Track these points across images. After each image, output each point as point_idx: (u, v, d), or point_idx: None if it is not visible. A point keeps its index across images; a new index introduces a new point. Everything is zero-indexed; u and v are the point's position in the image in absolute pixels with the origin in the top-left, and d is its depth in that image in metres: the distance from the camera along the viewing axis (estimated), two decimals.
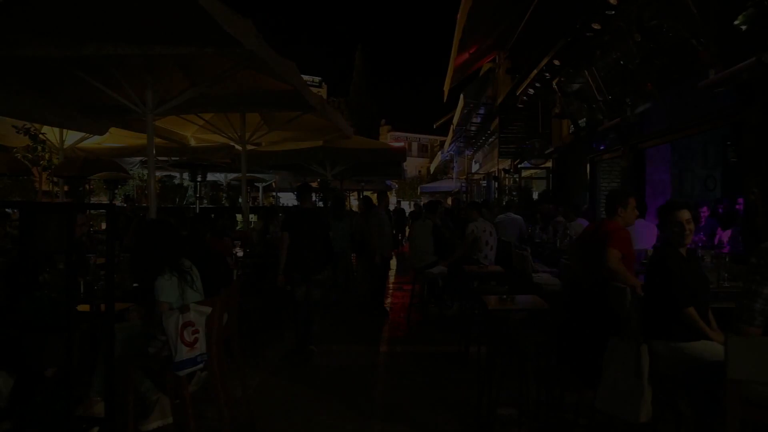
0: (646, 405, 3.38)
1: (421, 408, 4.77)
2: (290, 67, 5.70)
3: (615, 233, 4.52)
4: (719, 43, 6.04)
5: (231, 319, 4.46)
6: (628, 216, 4.68)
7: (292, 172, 15.68)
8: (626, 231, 4.61)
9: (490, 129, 21.75)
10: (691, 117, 7.77)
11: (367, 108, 54.65)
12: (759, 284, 2.75)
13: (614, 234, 4.52)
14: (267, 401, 4.89)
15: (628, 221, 4.68)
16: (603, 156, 11.98)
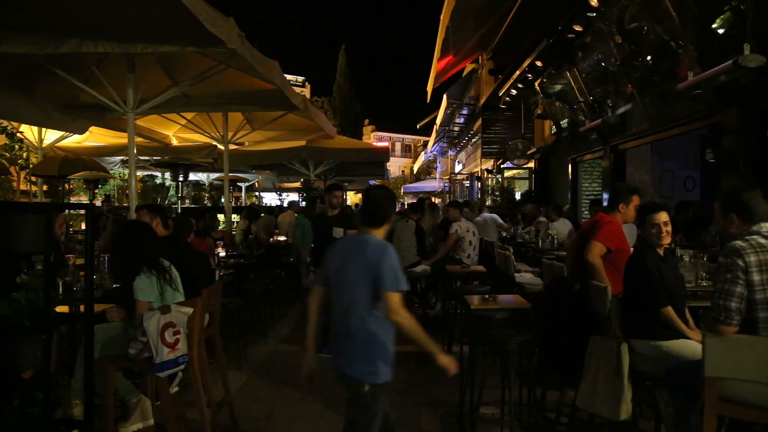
0: (626, 403, 3.41)
1: (403, 408, 4.77)
2: (273, 67, 5.68)
3: (604, 226, 4.51)
4: (698, 46, 6.13)
5: (213, 319, 4.43)
6: (628, 213, 4.57)
7: (275, 172, 15.62)
8: (617, 226, 4.55)
9: (473, 129, 21.86)
10: (670, 118, 7.88)
11: (350, 108, 54.54)
12: (731, 283, 2.81)
13: (603, 227, 4.52)
14: (250, 402, 4.86)
15: (626, 218, 4.60)
16: (584, 156, 12.10)
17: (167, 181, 17.04)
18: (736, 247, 2.84)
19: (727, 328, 2.78)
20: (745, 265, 2.78)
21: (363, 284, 2.87)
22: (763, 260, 2.77)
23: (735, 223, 2.99)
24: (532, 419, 4.25)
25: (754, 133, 5.93)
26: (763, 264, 2.76)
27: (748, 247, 2.81)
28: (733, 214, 3.00)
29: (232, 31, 4.42)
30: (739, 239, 2.88)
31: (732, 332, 2.78)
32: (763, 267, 2.76)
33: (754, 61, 4.97)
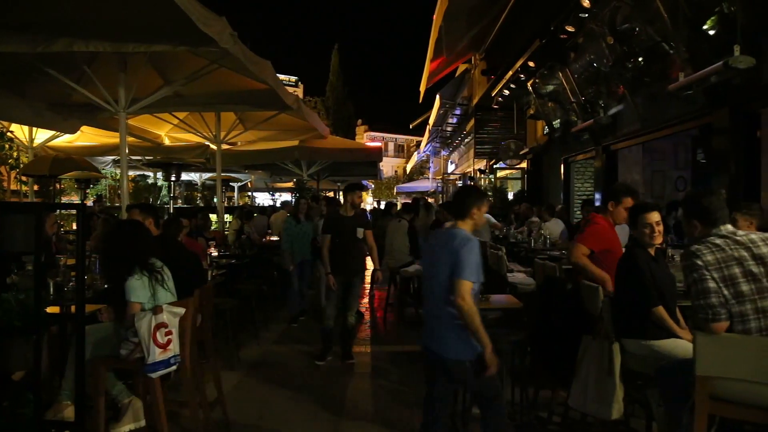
0: (618, 402, 3.44)
1: (396, 408, 4.78)
2: (266, 66, 5.68)
3: (587, 228, 4.55)
4: (689, 47, 6.16)
5: (205, 319, 4.42)
6: (618, 213, 4.51)
7: (268, 172, 15.60)
8: (601, 227, 4.53)
9: (465, 130, 21.89)
10: (662, 119, 7.92)
11: (343, 108, 54.49)
12: (701, 282, 2.85)
13: (586, 228, 4.56)
14: (242, 402, 4.85)
15: (616, 218, 4.55)
16: (577, 157, 12.14)
17: (159, 181, 16.98)
18: (692, 251, 2.93)
19: (718, 324, 2.80)
20: (705, 264, 2.85)
21: (448, 272, 3.21)
22: (720, 258, 2.84)
23: (698, 228, 3.06)
24: (525, 419, 4.26)
25: (744, 133, 5.97)
26: (721, 262, 2.83)
27: (704, 248, 2.89)
28: (694, 220, 3.07)
29: (224, 30, 4.41)
30: (696, 242, 2.98)
31: (723, 327, 2.80)
32: (722, 264, 2.83)
33: (744, 62, 5.00)
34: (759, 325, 2.77)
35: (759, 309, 2.77)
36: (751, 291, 2.78)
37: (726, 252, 2.84)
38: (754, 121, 5.90)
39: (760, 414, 2.70)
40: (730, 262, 2.82)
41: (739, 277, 2.80)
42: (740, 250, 2.84)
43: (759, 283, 2.79)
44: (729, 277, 2.81)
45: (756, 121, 5.90)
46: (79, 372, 3.28)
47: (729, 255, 2.83)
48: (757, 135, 5.88)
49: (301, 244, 7.67)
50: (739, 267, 2.81)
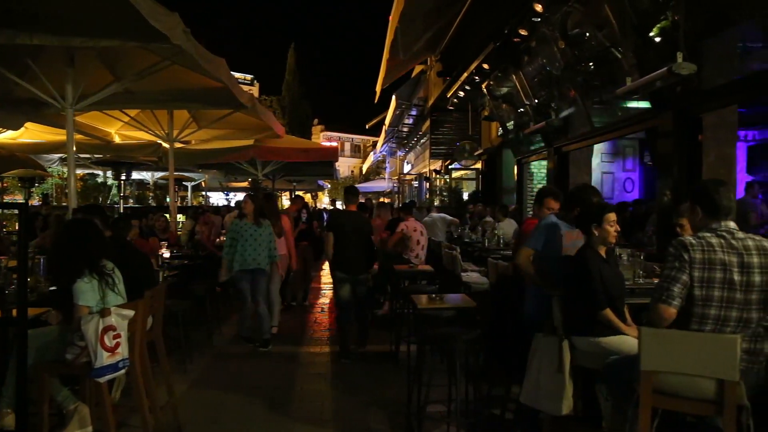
0: (568, 398, 3.52)
1: (352, 409, 4.78)
2: (220, 64, 5.59)
3: (526, 232, 4.71)
4: (636, 53, 6.35)
5: (156, 322, 4.33)
6: (543, 215, 4.66)
7: (222, 171, 15.36)
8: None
9: (421, 130, 22.04)
10: (611, 122, 8.14)
11: (299, 107, 54.15)
12: (678, 271, 2.90)
13: (525, 232, 4.71)
14: (195, 407, 4.77)
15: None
16: (530, 158, 12.37)
17: (109, 180, 16.51)
18: (685, 243, 2.92)
19: (666, 308, 2.87)
20: (690, 260, 2.87)
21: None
22: (707, 259, 2.85)
23: (699, 216, 3.03)
24: (478, 416, 4.32)
25: (687, 137, 6.18)
26: (707, 263, 2.85)
27: (697, 245, 2.89)
28: (698, 207, 3.04)
29: (176, 26, 4.32)
30: (691, 236, 2.97)
31: (669, 313, 2.87)
32: (707, 266, 2.85)
33: (686, 69, 5.18)
34: (713, 330, 2.84)
35: (720, 317, 2.83)
36: (721, 298, 2.82)
37: (716, 255, 2.85)
38: (696, 125, 6.12)
39: (700, 406, 2.81)
40: (715, 266, 2.84)
41: (717, 282, 2.83)
42: (731, 255, 2.84)
43: (732, 293, 2.81)
44: (707, 279, 2.84)
45: (698, 126, 6.12)
46: (20, 378, 3.16)
47: (718, 258, 2.84)
48: (698, 139, 6.10)
49: (253, 249, 6.59)
50: (722, 273, 2.83)
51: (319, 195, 42.18)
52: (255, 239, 6.54)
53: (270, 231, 6.73)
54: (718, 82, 5.70)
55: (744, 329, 2.82)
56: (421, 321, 4.74)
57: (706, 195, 2.99)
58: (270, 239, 6.69)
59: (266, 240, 6.62)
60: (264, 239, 6.60)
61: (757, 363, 2.86)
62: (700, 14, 5.52)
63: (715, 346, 2.70)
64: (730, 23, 5.45)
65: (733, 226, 2.94)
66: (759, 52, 5.11)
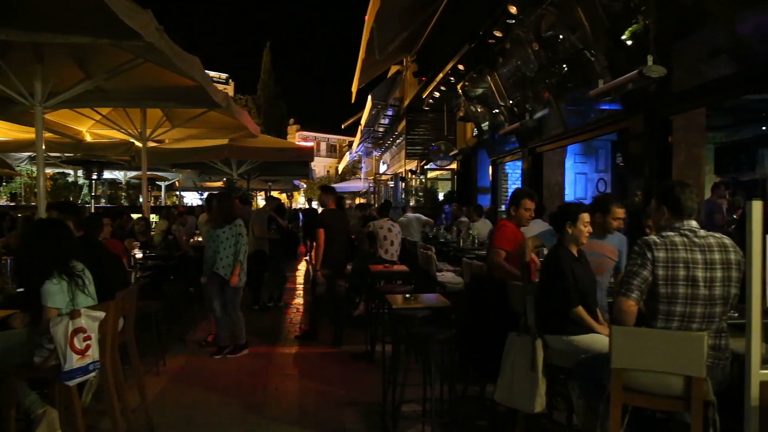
0: (541, 396, 3.56)
1: (327, 408, 4.77)
2: (194, 62, 5.53)
3: (497, 231, 4.84)
4: (608, 56, 6.46)
5: (128, 323, 4.27)
6: (520, 216, 4.88)
7: (197, 171, 15.20)
8: (509, 228, 4.83)
9: (397, 130, 22.07)
10: (584, 123, 8.26)
11: (275, 107, 53.84)
12: (640, 267, 2.99)
13: (496, 232, 4.85)
14: (168, 409, 4.71)
15: (520, 221, 4.90)
16: (504, 159, 12.49)
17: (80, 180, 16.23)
18: (649, 242, 3.00)
19: (625, 300, 2.98)
20: (654, 259, 2.95)
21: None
22: (670, 257, 2.93)
23: (665, 215, 3.12)
24: (453, 415, 4.34)
25: (657, 139, 6.31)
26: (670, 261, 2.93)
27: (660, 243, 2.97)
28: (664, 206, 3.13)
29: (149, 24, 4.26)
30: (656, 235, 3.05)
31: (628, 305, 2.97)
32: (670, 264, 2.93)
33: (656, 72, 5.29)
34: (680, 326, 2.91)
35: (686, 313, 2.90)
36: (686, 295, 2.90)
37: (679, 253, 2.93)
38: (666, 127, 6.25)
39: (668, 402, 2.87)
40: (678, 263, 2.91)
41: (681, 279, 2.90)
42: (695, 252, 2.93)
43: (696, 289, 2.89)
44: (671, 277, 2.92)
45: (668, 127, 6.25)
46: None
47: (681, 257, 2.92)
48: (668, 140, 6.23)
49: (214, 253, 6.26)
50: (685, 270, 2.90)
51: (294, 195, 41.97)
52: (214, 242, 6.28)
53: (232, 234, 6.27)
54: (688, 85, 5.83)
55: (709, 324, 2.90)
56: (397, 321, 4.75)
57: (672, 195, 3.08)
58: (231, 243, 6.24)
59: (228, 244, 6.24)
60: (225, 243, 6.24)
61: (723, 359, 2.94)
62: (670, 18, 5.64)
63: (683, 344, 2.76)
64: (698, 28, 5.57)
65: (696, 226, 3.04)
66: (726, 56, 5.23)
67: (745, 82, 5.22)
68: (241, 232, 6.34)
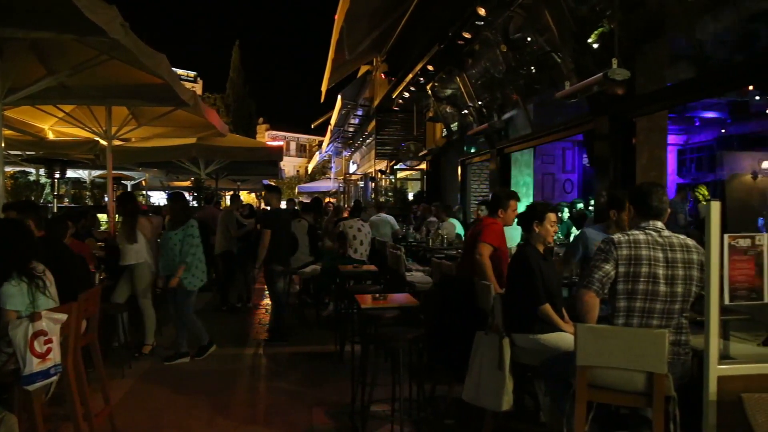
0: (508, 394, 3.60)
1: (296, 409, 4.75)
2: (161, 60, 5.44)
3: (488, 227, 4.85)
4: (574, 58, 6.57)
5: (92, 325, 4.18)
6: (508, 217, 4.98)
7: (164, 170, 14.97)
8: (499, 226, 4.92)
9: (367, 130, 22.07)
10: (551, 125, 8.39)
11: (244, 105, 53.35)
12: (602, 261, 3.08)
13: (487, 228, 4.85)
14: (134, 412, 4.63)
15: (507, 222, 4.99)
16: (473, 159, 12.59)
17: (42, 178, 15.83)
18: (614, 240, 3.09)
19: (586, 291, 3.07)
20: (617, 257, 3.03)
21: None
22: (633, 255, 3.02)
23: (631, 214, 3.24)
24: (422, 414, 4.37)
25: (622, 140, 6.44)
26: (633, 259, 3.01)
27: (624, 242, 3.05)
28: (632, 206, 3.24)
29: (114, 19, 4.18)
30: (621, 233, 3.14)
31: (589, 296, 3.06)
32: (633, 261, 3.01)
33: (620, 74, 5.40)
34: (641, 323, 2.99)
35: (645, 309, 2.99)
36: (646, 291, 2.98)
37: (642, 251, 3.01)
38: (630, 128, 6.39)
39: (631, 398, 2.94)
40: (640, 261, 2.99)
41: (642, 276, 2.98)
42: (657, 250, 3.01)
43: (656, 286, 2.97)
44: (633, 274, 3.00)
45: (632, 129, 6.38)
46: None
47: (643, 254, 3.00)
48: (632, 142, 6.36)
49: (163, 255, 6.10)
50: (647, 267, 2.98)
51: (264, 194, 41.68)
52: (165, 245, 6.10)
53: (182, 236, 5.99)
54: (650, 88, 5.97)
55: (668, 320, 2.98)
56: (366, 321, 4.75)
57: (641, 196, 3.17)
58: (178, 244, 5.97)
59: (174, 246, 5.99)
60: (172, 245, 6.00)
61: (683, 354, 3.02)
62: (635, 23, 5.76)
63: (645, 341, 2.83)
64: (661, 33, 5.71)
65: (660, 226, 3.12)
66: (686, 61, 5.37)
67: (705, 85, 5.37)
68: (191, 234, 6.04)
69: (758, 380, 2.57)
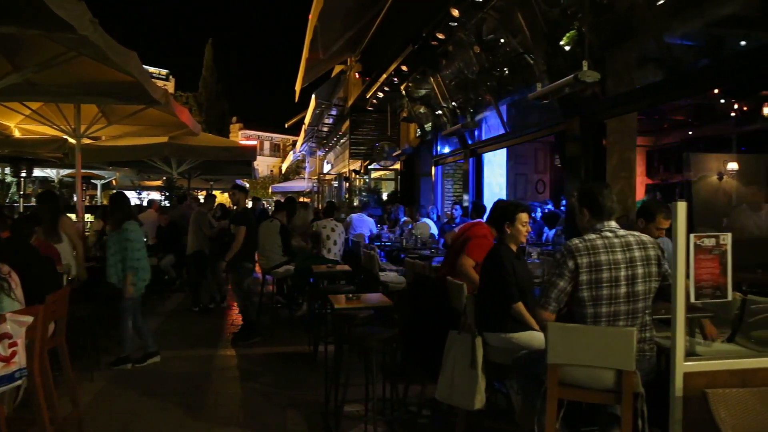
0: (480, 393, 3.63)
1: (270, 410, 4.73)
2: (131, 57, 5.36)
3: (475, 240, 4.86)
4: (546, 60, 6.65)
5: (59, 328, 4.10)
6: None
7: (135, 169, 14.74)
8: (489, 240, 4.87)
9: (341, 130, 22.03)
10: (523, 125, 8.48)
11: (217, 104, 52.82)
12: (557, 277, 3.11)
13: (473, 241, 4.89)
14: (103, 415, 4.56)
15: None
16: (447, 159, 12.66)
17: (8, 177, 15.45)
18: (571, 248, 3.10)
19: (543, 312, 3.13)
20: (576, 266, 3.05)
21: None
22: (593, 261, 3.04)
23: (586, 217, 3.25)
24: (395, 414, 4.38)
25: (592, 141, 6.54)
26: (593, 265, 3.04)
27: (583, 249, 3.07)
28: (585, 208, 3.25)
29: (83, 15, 4.10)
30: (578, 239, 3.15)
31: (546, 316, 3.12)
32: (593, 268, 3.04)
33: (591, 77, 5.48)
34: (608, 326, 3.03)
35: (611, 313, 3.02)
36: (610, 296, 3.02)
37: (601, 256, 3.03)
38: (601, 130, 6.49)
39: (601, 395, 2.99)
40: (601, 266, 3.02)
41: (604, 282, 3.02)
42: (616, 253, 3.04)
43: (618, 289, 3.01)
44: (596, 281, 3.02)
45: (602, 130, 6.49)
46: None
47: (603, 259, 3.02)
48: (603, 143, 6.47)
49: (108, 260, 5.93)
50: (608, 272, 3.02)
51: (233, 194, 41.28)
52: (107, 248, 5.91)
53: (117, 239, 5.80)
54: (620, 90, 6.08)
55: (633, 320, 3.04)
56: (339, 321, 4.75)
57: (592, 197, 3.20)
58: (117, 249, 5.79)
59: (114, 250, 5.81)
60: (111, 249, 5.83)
61: (648, 351, 3.08)
62: (604, 26, 5.85)
63: (614, 339, 2.88)
64: (630, 36, 5.81)
65: (615, 225, 3.17)
66: (655, 63, 5.48)
67: (673, 88, 5.48)
68: (128, 237, 5.78)
69: (722, 376, 2.64)
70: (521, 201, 5.66)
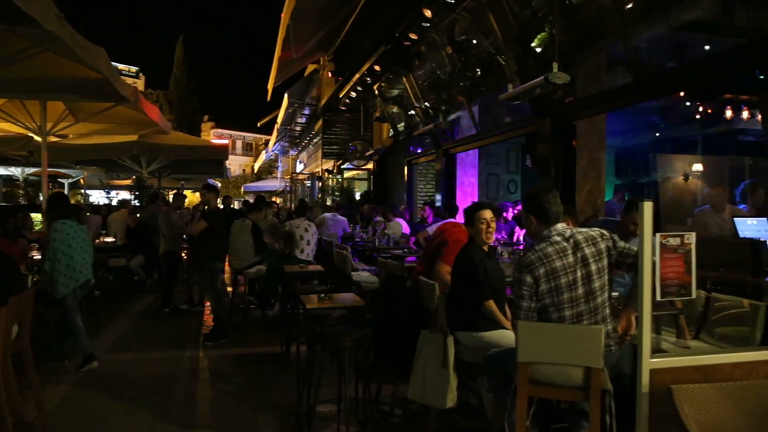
0: (452, 392, 3.65)
1: (241, 412, 4.69)
2: (99, 53, 5.26)
3: (450, 246, 4.87)
4: (518, 61, 6.72)
5: (23, 330, 4.01)
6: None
7: (104, 168, 14.47)
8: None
9: (314, 130, 21.96)
10: (495, 126, 8.56)
11: (188, 103, 52.07)
12: (520, 298, 3.13)
13: (449, 247, 4.89)
14: (69, 420, 4.46)
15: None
16: (419, 159, 12.71)
17: None
18: (525, 263, 3.12)
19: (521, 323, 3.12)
20: (535, 279, 3.08)
21: None
22: (549, 270, 3.07)
23: (534, 223, 3.24)
24: (368, 413, 4.38)
25: (563, 142, 6.64)
26: (550, 273, 3.06)
27: (536, 260, 3.09)
28: (531, 215, 3.25)
29: (48, 10, 4.01)
30: (530, 251, 3.17)
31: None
32: (550, 276, 3.06)
33: (560, 78, 5.55)
34: None
35: (574, 314, 3.05)
36: (570, 299, 3.05)
37: (555, 263, 3.05)
38: (571, 131, 6.59)
39: (570, 393, 3.03)
40: (558, 273, 3.05)
41: (563, 287, 3.04)
42: (568, 256, 3.06)
43: (575, 291, 3.05)
44: (555, 288, 3.05)
45: (572, 131, 6.59)
46: None
47: (558, 266, 3.05)
48: (573, 144, 6.56)
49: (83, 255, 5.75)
50: (564, 277, 3.04)
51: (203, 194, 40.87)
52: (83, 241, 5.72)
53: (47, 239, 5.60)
54: (589, 92, 6.17)
55: (595, 317, 3.07)
56: (312, 321, 4.73)
57: (537, 204, 3.21)
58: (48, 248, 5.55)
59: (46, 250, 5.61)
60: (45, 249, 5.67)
61: (613, 345, 3.12)
62: (574, 29, 5.94)
63: (582, 337, 2.93)
64: (599, 39, 5.91)
65: (561, 228, 3.18)
66: (623, 66, 5.58)
67: (641, 90, 5.59)
68: (53, 237, 5.52)
69: (686, 372, 2.70)
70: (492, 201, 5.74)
